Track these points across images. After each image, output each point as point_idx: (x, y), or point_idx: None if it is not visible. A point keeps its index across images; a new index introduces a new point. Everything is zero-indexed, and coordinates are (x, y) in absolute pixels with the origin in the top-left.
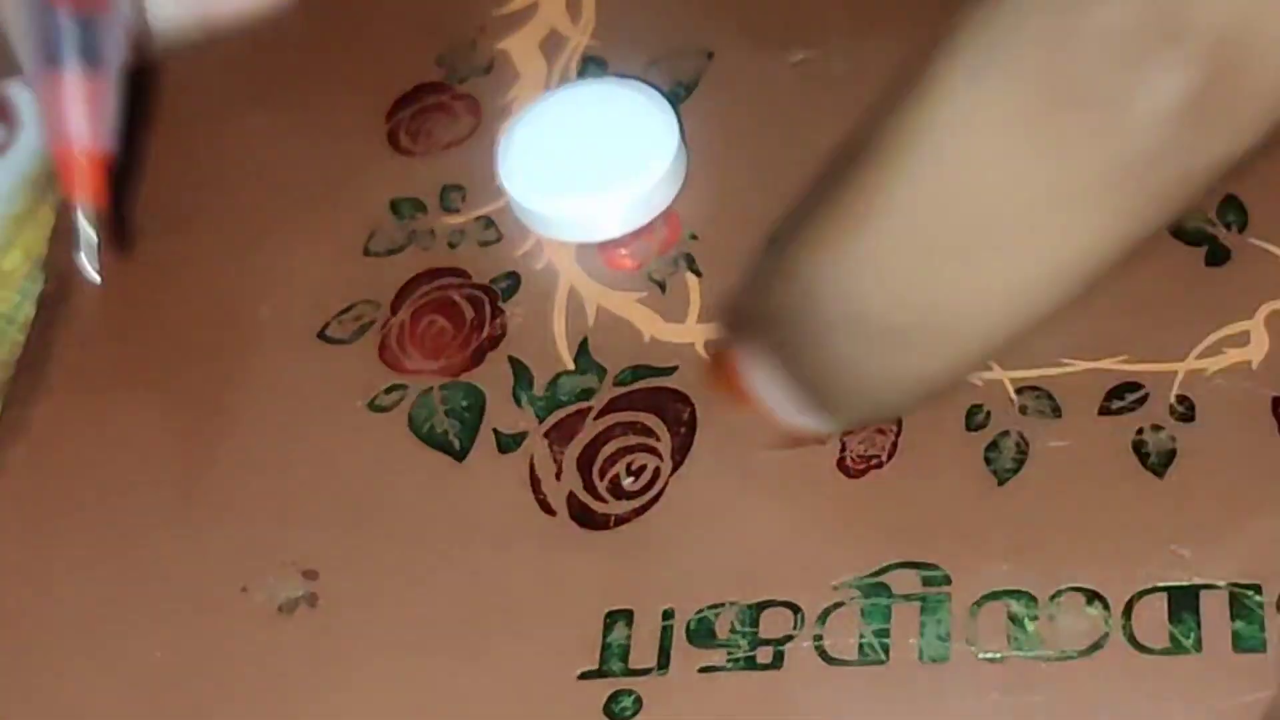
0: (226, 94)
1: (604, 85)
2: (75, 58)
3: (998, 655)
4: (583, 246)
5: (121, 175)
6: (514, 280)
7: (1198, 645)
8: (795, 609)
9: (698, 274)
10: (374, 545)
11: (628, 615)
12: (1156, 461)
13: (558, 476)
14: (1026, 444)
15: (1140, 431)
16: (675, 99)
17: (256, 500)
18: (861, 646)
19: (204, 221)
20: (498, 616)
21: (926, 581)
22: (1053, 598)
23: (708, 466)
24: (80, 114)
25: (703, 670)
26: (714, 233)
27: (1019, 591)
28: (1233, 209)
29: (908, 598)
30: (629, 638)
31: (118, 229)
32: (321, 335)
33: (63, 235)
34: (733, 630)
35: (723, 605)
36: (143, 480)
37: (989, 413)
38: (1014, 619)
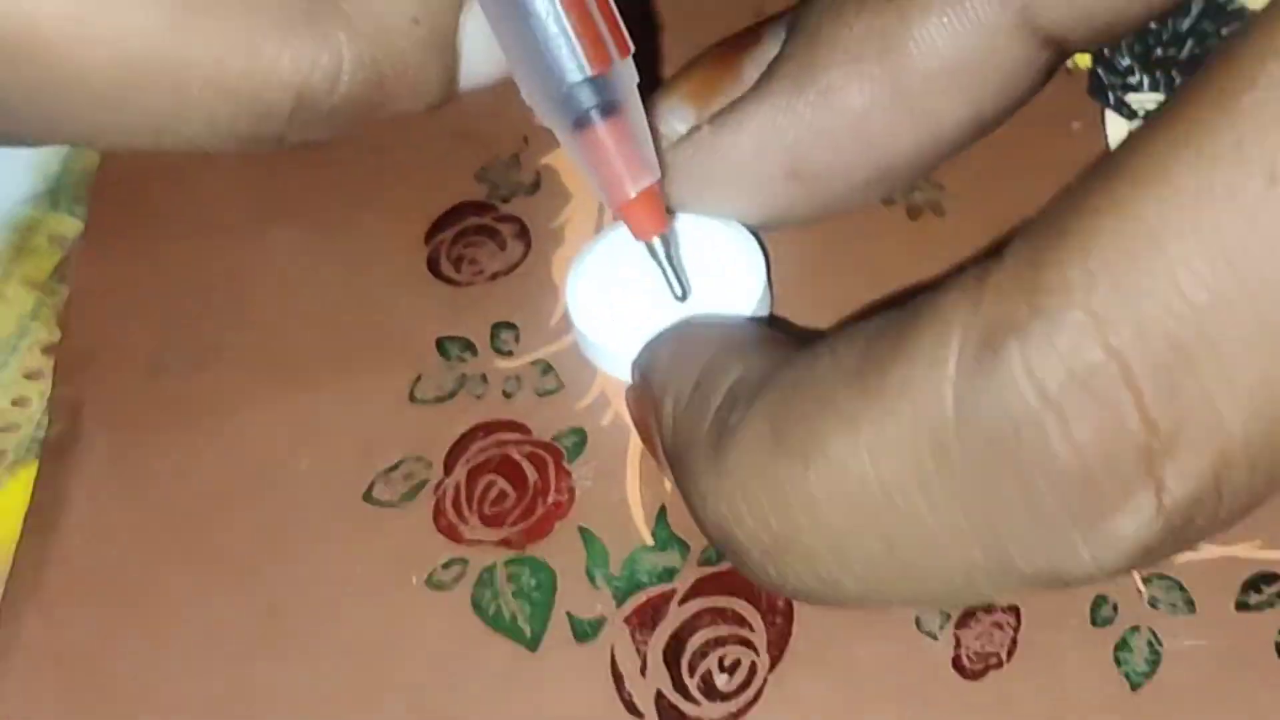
0: (251, 209)
1: (708, 221)
2: (599, 114)
3: None
4: None
5: None
6: (580, 437)
7: None
8: None
9: None
10: None
11: None
12: None
13: (643, 672)
14: (1159, 642)
15: None
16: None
17: (305, 697)
18: None
19: (231, 356)
20: None
21: None
22: None
23: (809, 662)
24: (620, 162)
25: None
26: None
27: None
28: None
29: None
30: None
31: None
32: (369, 497)
33: (68, 365)
34: None
35: None
36: (170, 670)
37: (1116, 605)
38: None
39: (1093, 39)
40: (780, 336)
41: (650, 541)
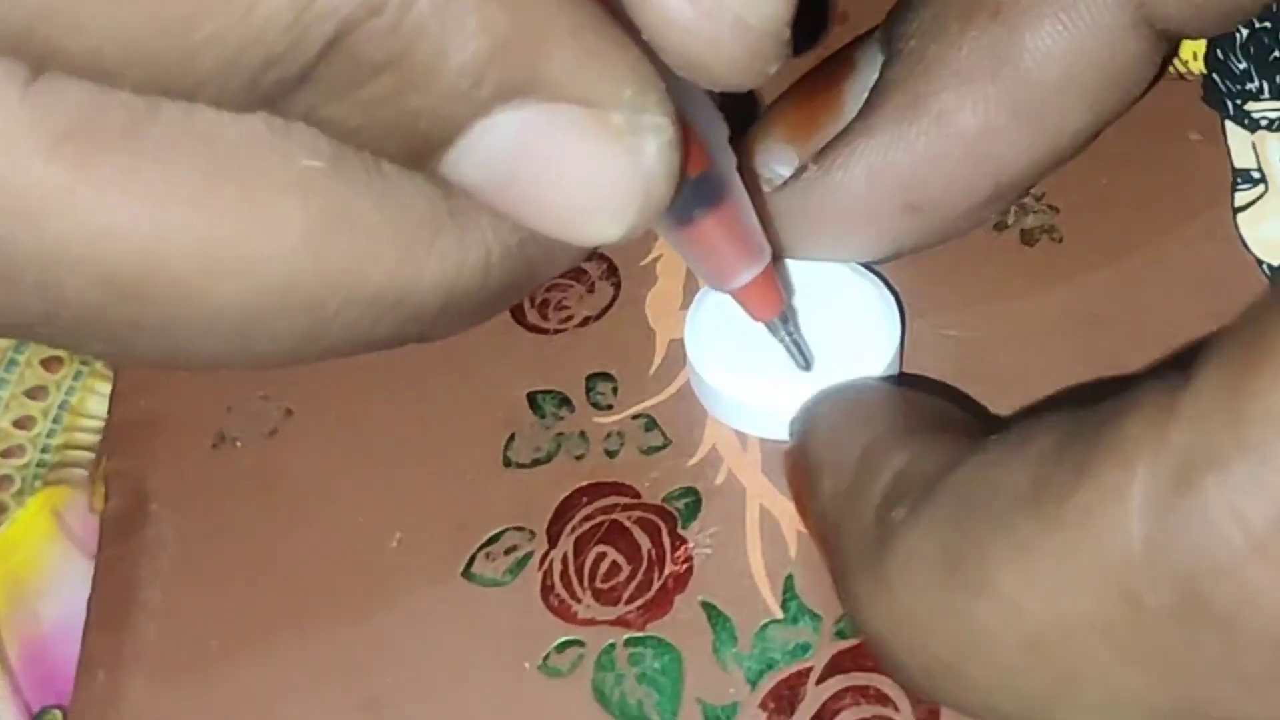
0: None
1: (831, 266)
2: (703, 210)
3: None
4: (768, 455)
5: None
6: (693, 499)
7: None
8: None
9: None
10: None
11: None
12: None
13: None
14: None
15: None
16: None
17: None
18: None
19: (304, 423)
20: None
21: None
22: None
23: None
24: (730, 252)
25: None
26: None
27: None
28: None
29: None
30: None
31: None
32: (469, 574)
33: (123, 434)
34: None
35: None
36: None
37: None
38: None
39: (1210, 27)
40: (950, 416)
41: (780, 614)
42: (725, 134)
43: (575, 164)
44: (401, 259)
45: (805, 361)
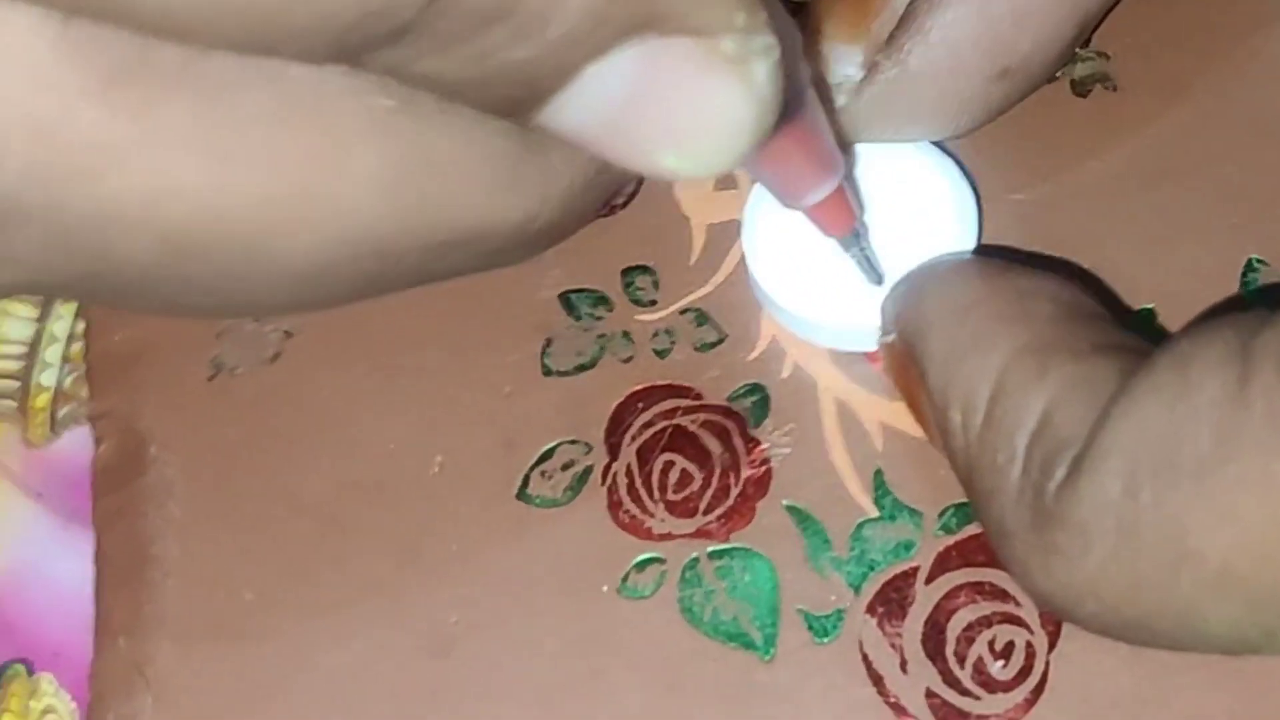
0: None
1: (895, 149)
2: (781, 126)
3: None
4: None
5: None
6: (760, 396)
7: None
8: None
9: None
10: None
11: None
12: None
13: (903, 668)
14: None
15: None
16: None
17: None
18: None
19: (308, 342)
20: None
21: None
22: None
23: (1094, 635)
24: (805, 169)
25: None
26: None
27: None
28: None
29: None
30: None
31: None
32: (525, 496)
33: (105, 370)
34: None
35: None
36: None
37: None
38: None
39: None
40: (1062, 299)
41: (874, 512)
42: (799, 43)
43: (690, 98)
44: (482, 199)
45: (878, 276)
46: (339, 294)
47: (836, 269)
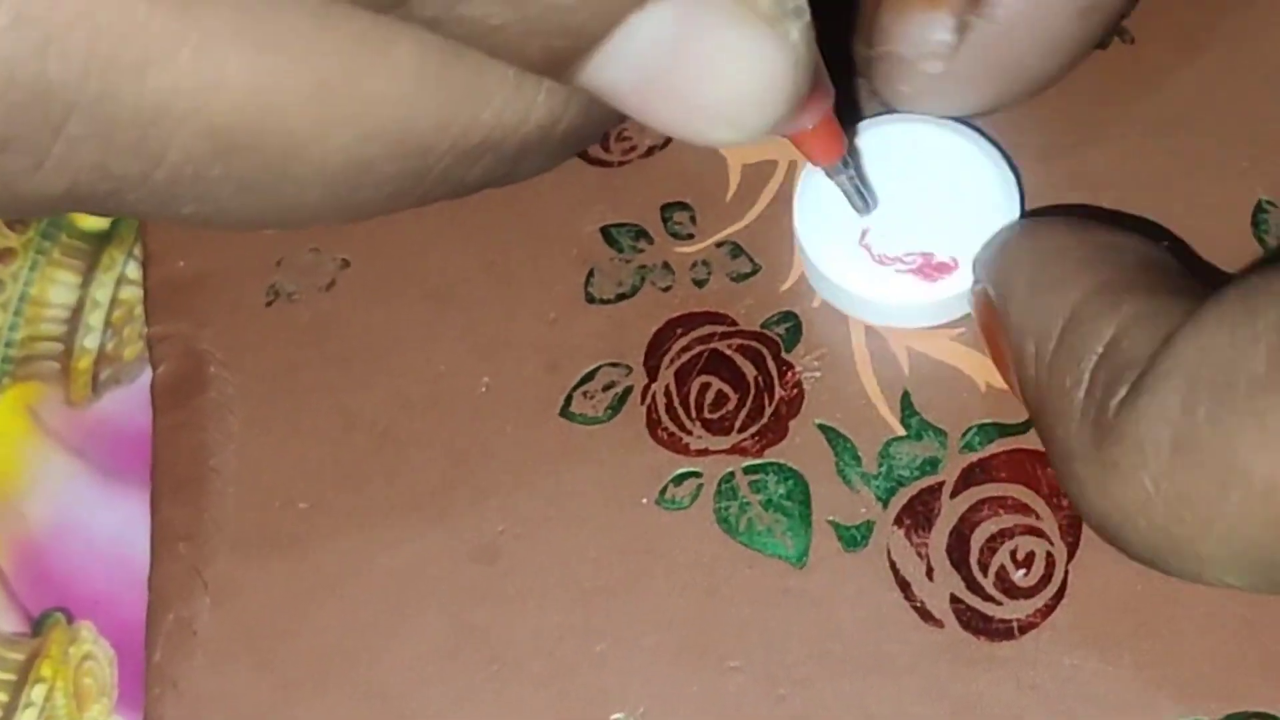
0: None
1: (917, 126)
2: None
3: None
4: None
5: None
6: (793, 323)
7: None
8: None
9: None
10: (715, 684)
11: None
12: None
13: (929, 575)
14: None
15: None
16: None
17: (536, 647)
18: None
19: (364, 272)
20: None
21: None
22: None
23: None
24: None
25: None
26: None
27: None
28: None
29: None
30: None
31: None
32: (568, 414)
33: (164, 295)
34: None
35: None
36: (376, 624)
37: None
38: None
39: None
40: (1140, 251)
41: (901, 431)
42: None
43: (728, 55)
44: (512, 96)
45: (865, 204)
46: (376, 197)
47: (883, 246)
